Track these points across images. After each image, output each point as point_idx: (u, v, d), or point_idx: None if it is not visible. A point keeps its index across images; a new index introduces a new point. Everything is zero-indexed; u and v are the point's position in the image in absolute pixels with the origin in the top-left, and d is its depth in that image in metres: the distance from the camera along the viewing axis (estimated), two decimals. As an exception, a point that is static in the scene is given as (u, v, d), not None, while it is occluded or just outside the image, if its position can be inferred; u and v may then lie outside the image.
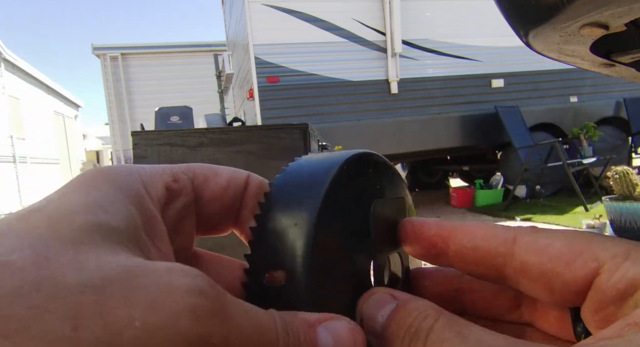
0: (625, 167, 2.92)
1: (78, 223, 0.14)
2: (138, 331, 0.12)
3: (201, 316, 0.14)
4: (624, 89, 5.70)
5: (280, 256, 0.17)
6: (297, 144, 1.38)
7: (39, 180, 10.83)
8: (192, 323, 0.13)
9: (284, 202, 0.18)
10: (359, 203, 0.20)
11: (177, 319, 0.13)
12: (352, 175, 0.19)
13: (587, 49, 0.41)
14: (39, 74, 11.69)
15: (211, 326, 0.14)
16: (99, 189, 0.15)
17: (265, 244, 0.17)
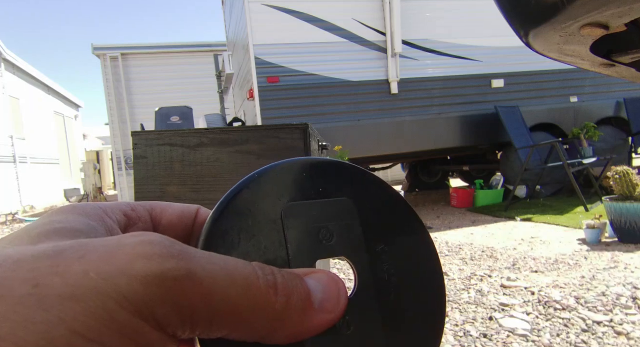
0: (625, 167, 2.92)
1: (38, 231, 0.16)
2: (94, 281, 0.13)
3: (154, 257, 0.15)
4: (624, 89, 5.70)
5: None
6: (297, 144, 1.38)
7: (39, 180, 10.83)
8: (147, 264, 0.14)
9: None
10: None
11: (131, 264, 0.14)
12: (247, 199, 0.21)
13: (587, 49, 0.41)
14: (39, 74, 11.69)
15: (168, 264, 0.15)
16: (63, 212, 0.18)
17: None
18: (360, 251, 0.21)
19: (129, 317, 0.13)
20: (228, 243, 0.19)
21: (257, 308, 0.16)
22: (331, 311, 0.18)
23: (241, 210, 0.20)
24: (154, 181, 1.44)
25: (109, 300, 0.13)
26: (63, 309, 0.13)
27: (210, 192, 1.42)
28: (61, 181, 12.69)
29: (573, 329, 1.63)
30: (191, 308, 0.15)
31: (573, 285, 2.12)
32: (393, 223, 0.23)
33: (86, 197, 11.82)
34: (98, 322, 0.13)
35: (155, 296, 0.14)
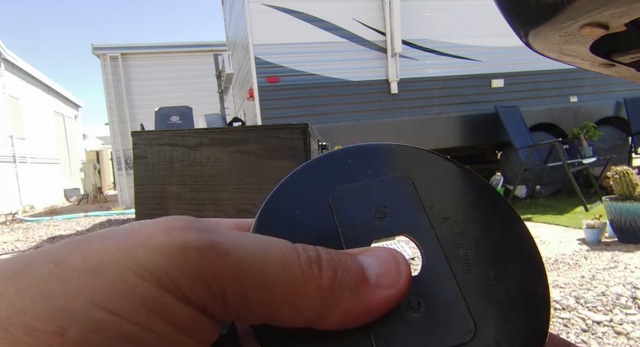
0: (625, 167, 2.91)
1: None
2: (114, 255, 0.13)
3: (175, 230, 0.14)
4: (624, 89, 5.70)
5: None
6: (297, 144, 1.38)
7: (39, 180, 10.83)
8: (167, 236, 0.14)
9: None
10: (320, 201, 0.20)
11: (151, 237, 0.14)
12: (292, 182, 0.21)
13: (587, 49, 0.41)
14: (39, 74, 11.69)
15: (189, 235, 0.14)
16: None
17: None
18: (422, 225, 0.19)
19: (150, 288, 0.13)
20: (278, 230, 0.19)
21: (299, 285, 0.15)
22: (391, 286, 0.16)
23: (290, 199, 0.20)
24: (154, 181, 1.44)
25: (128, 271, 0.13)
26: (81, 283, 0.12)
27: (210, 192, 1.42)
28: (61, 181, 12.69)
29: (573, 329, 1.63)
30: (219, 282, 0.14)
31: (573, 285, 2.12)
32: (458, 195, 0.21)
33: (86, 197, 11.82)
34: (117, 294, 0.13)
35: (176, 266, 0.13)
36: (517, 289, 0.18)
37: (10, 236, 5.58)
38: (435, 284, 0.18)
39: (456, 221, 0.19)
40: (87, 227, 5.92)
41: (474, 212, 0.20)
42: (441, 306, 0.17)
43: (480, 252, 0.19)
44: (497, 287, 0.18)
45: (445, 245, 0.19)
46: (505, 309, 0.17)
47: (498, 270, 0.18)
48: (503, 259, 0.19)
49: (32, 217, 7.80)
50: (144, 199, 1.45)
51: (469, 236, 0.19)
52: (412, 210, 0.20)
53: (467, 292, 0.17)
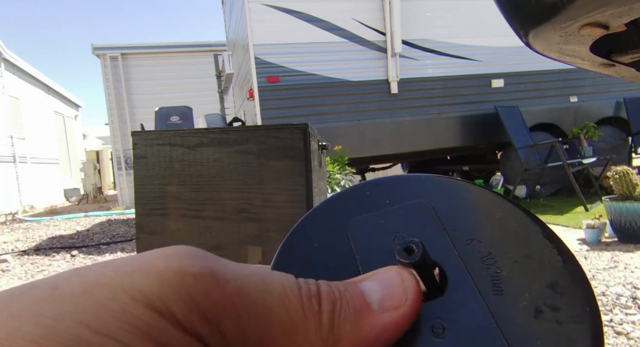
0: (625, 167, 2.91)
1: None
2: (110, 277, 0.13)
3: (175, 257, 0.14)
4: (624, 89, 5.70)
5: None
6: (297, 144, 1.38)
7: (39, 180, 10.83)
8: (165, 262, 0.14)
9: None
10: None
11: (150, 262, 0.14)
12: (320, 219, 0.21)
13: (587, 49, 0.41)
14: (39, 74, 11.69)
15: (188, 261, 0.14)
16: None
17: None
18: (444, 248, 0.19)
19: (141, 309, 0.13)
20: (296, 263, 0.19)
21: (299, 321, 0.14)
22: (397, 307, 0.15)
23: (309, 233, 0.20)
24: (154, 181, 1.44)
25: (121, 292, 0.13)
26: (73, 304, 0.12)
27: (210, 192, 1.42)
28: (61, 181, 12.69)
29: (573, 329, 1.62)
30: (215, 310, 0.14)
31: (573, 285, 2.12)
32: (483, 216, 0.20)
33: (86, 197, 11.82)
34: (107, 314, 0.12)
35: (171, 290, 0.13)
36: (559, 310, 0.16)
37: (10, 236, 5.58)
38: (462, 306, 0.17)
39: (482, 241, 0.19)
40: (87, 227, 5.92)
41: (501, 232, 0.19)
42: (470, 330, 0.16)
43: (513, 272, 0.17)
44: (534, 309, 0.16)
45: (471, 266, 0.18)
46: (546, 332, 0.16)
47: (534, 289, 0.17)
48: (539, 277, 0.17)
49: (32, 217, 7.80)
50: (144, 199, 1.45)
51: (498, 255, 0.18)
52: (432, 233, 0.19)
53: (499, 314, 0.16)
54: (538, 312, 0.16)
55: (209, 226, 1.40)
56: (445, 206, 0.20)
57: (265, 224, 1.39)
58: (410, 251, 0.17)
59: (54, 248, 4.24)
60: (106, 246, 4.33)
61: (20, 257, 3.94)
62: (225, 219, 1.40)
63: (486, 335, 0.16)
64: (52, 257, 3.85)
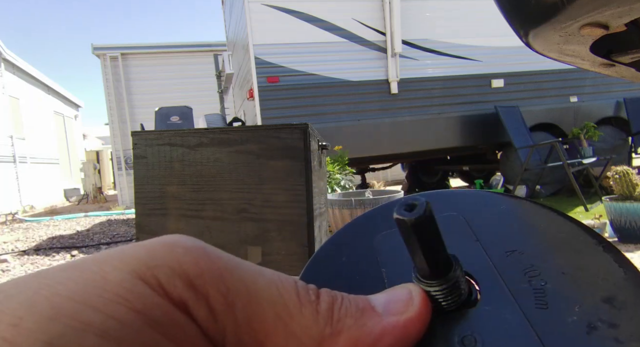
0: (625, 167, 2.91)
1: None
2: (99, 255, 0.13)
3: (170, 237, 0.14)
4: (624, 89, 5.70)
5: None
6: (297, 144, 1.38)
7: (39, 180, 10.83)
8: (158, 239, 0.14)
9: None
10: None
11: (145, 241, 0.14)
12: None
13: (587, 49, 0.41)
14: (39, 74, 11.69)
15: (182, 239, 0.14)
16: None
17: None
18: (477, 259, 0.17)
19: (122, 276, 0.12)
20: (323, 276, 0.19)
21: (292, 305, 0.14)
22: (402, 312, 0.15)
23: (337, 249, 0.20)
24: (154, 181, 1.44)
25: (105, 264, 0.13)
26: (59, 276, 0.12)
27: (210, 192, 1.42)
28: (61, 181, 12.69)
29: (573, 329, 1.62)
30: (203, 281, 0.13)
31: (573, 285, 2.12)
32: (524, 227, 0.19)
33: (86, 197, 11.82)
34: (85, 283, 0.12)
35: (159, 258, 0.13)
36: (617, 327, 0.14)
37: (10, 236, 5.58)
38: (497, 319, 0.15)
39: (524, 253, 0.17)
40: (87, 227, 5.92)
41: (547, 242, 0.18)
42: (505, 341, 0.15)
43: (560, 285, 0.16)
44: (586, 325, 0.14)
45: (510, 278, 0.16)
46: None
47: (587, 303, 0.15)
48: (593, 291, 0.15)
49: (32, 217, 7.80)
50: (144, 199, 1.45)
51: (542, 267, 0.16)
52: (465, 246, 0.18)
53: (543, 329, 0.14)
54: (591, 328, 0.14)
55: (209, 226, 1.40)
56: (480, 218, 0.19)
57: (265, 224, 1.39)
58: (412, 208, 0.15)
59: (54, 248, 4.24)
60: (106, 246, 4.33)
61: (20, 257, 3.94)
62: (225, 219, 1.40)
63: (524, 345, 0.14)
64: (52, 257, 3.85)
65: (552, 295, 0.15)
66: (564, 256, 0.17)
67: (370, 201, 3.28)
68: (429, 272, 0.16)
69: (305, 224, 1.38)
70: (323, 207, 1.81)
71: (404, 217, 0.15)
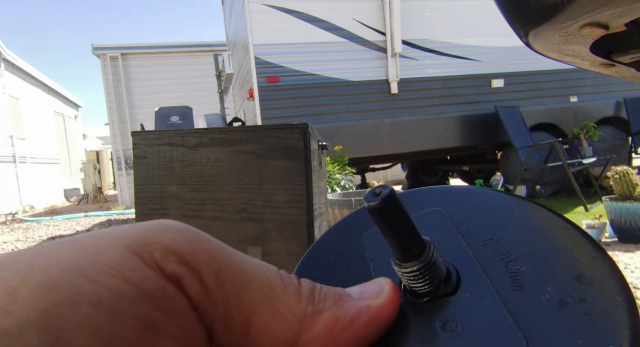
0: (625, 167, 2.91)
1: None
2: (100, 232, 0.14)
3: (163, 220, 0.15)
4: (624, 89, 5.70)
5: None
6: (297, 144, 1.38)
7: (39, 180, 10.83)
8: (152, 221, 0.15)
9: None
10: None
11: (139, 223, 0.15)
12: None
13: (587, 49, 0.41)
14: (39, 74, 11.69)
15: (175, 222, 0.15)
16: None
17: None
18: (458, 249, 0.19)
19: (118, 250, 0.13)
20: (314, 273, 0.20)
21: (277, 286, 0.15)
22: (374, 298, 0.16)
23: (327, 248, 0.21)
24: (154, 181, 1.44)
25: (101, 239, 0.13)
26: (55, 250, 0.13)
27: (210, 192, 1.42)
28: (61, 181, 12.69)
29: (573, 329, 1.62)
30: (196, 259, 0.14)
31: (573, 285, 2.12)
32: (499, 217, 0.20)
33: (86, 197, 11.82)
34: (83, 256, 0.12)
35: (154, 236, 0.14)
36: (586, 301, 0.15)
37: (10, 236, 5.58)
38: (476, 304, 0.16)
39: (500, 241, 0.18)
40: (87, 227, 5.92)
41: (522, 230, 0.19)
42: (483, 324, 0.16)
43: (534, 267, 0.17)
44: (558, 301, 0.16)
45: (488, 265, 0.18)
46: (569, 321, 0.15)
47: (559, 283, 0.16)
48: (564, 271, 0.16)
49: (32, 217, 7.79)
50: (144, 199, 1.45)
51: (518, 253, 0.18)
52: (447, 237, 0.19)
53: (518, 308, 0.16)
54: (563, 304, 0.15)
55: (209, 226, 1.40)
56: (461, 212, 0.20)
57: (265, 224, 1.39)
58: (378, 195, 0.16)
59: (54, 248, 4.24)
60: (106, 246, 4.32)
61: (20, 257, 3.94)
62: (225, 219, 1.40)
63: (500, 328, 0.15)
64: (52, 257, 3.85)
65: (527, 277, 0.17)
66: (537, 241, 0.18)
67: (370, 201, 3.28)
68: (401, 255, 0.17)
69: (305, 224, 1.38)
70: (323, 207, 1.81)
71: (371, 202, 0.16)
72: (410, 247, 0.17)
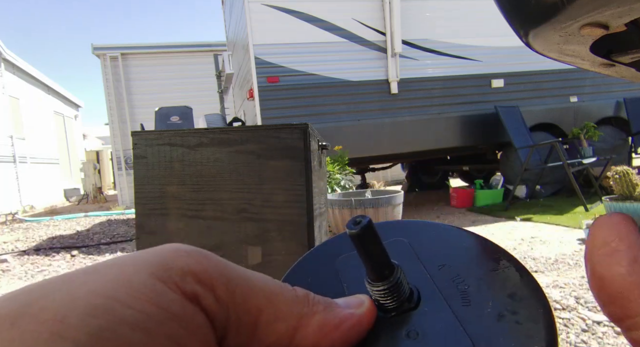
0: (625, 167, 2.92)
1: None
2: (116, 259, 0.16)
3: (169, 245, 0.17)
4: (624, 89, 5.70)
5: None
6: (297, 144, 1.38)
7: (39, 180, 10.83)
8: (162, 246, 0.17)
9: None
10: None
11: (150, 249, 0.17)
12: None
13: (587, 49, 0.41)
14: (39, 74, 11.69)
15: (183, 245, 0.17)
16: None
17: None
18: (418, 273, 0.22)
19: (145, 278, 0.15)
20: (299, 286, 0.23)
21: (277, 291, 0.18)
22: (356, 307, 0.20)
23: (304, 271, 0.24)
24: (154, 181, 1.44)
25: (127, 267, 0.15)
26: (84, 278, 0.15)
27: (210, 192, 1.42)
28: (61, 181, 12.69)
29: (573, 329, 1.63)
30: (208, 274, 0.16)
31: (573, 285, 2.12)
32: (451, 247, 0.24)
33: (86, 197, 11.82)
34: (116, 284, 0.15)
35: (170, 261, 0.16)
36: (517, 313, 0.19)
37: (10, 236, 5.58)
38: (433, 317, 0.20)
39: (452, 266, 0.22)
40: (87, 227, 5.92)
41: (468, 257, 0.23)
42: (439, 333, 0.19)
43: (478, 287, 0.21)
44: (497, 314, 0.20)
45: (442, 285, 0.21)
46: (505, 329, 0.19)
47: (497, 299, 0.20)
48: (501, 290, 0.21)
49: (32, 217, 7.79)
50: (144, 199, 1.45)
51: (465, 275, 0.22)
52: (409, 263, 0.23)
53: (467, 320, 0.19)
54: (500, 316, 0.19)
55: (209, 226, 1.40)
56: (420, 242, 0.24)
57: (265, 224, 1.39)
58: (356, 223, 0.19)
59: (54, 248, 4.24)
60: (106, 246, 4.33)
61: (20, 257, 3.94)
62: (225, 219, 1.40)
63: (453, 336, 0.19)
64: (52, 257, 3.85)
65: (473, 295, 0.21)
66: (480, 266, 0.22)
67: (370, 201, 3.28)
68: (374, 276, 0.20)
69: (305, 224, 1.38)
70: (323, 207, 1.81)
71: (352, 230, 0.19)
72: (382, 269, 0.20)
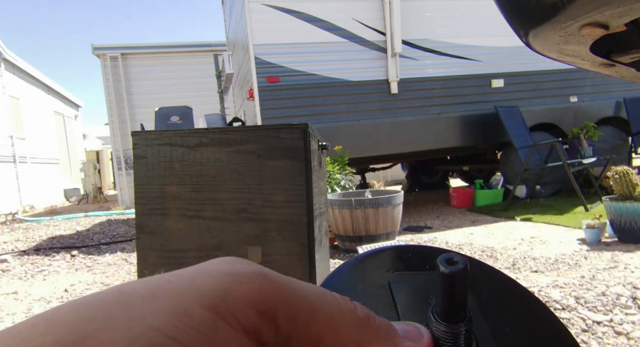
0: (625, 167, 2.91)
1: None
2: (174, 283, 0.15)
3: (228, 262, 0.16)
4: (624, 89, 5.70)
5: None
6: (297, 144, 1.38)
7: (39, 180, 10.83)
8: (220, 266, 0.16)
9: None
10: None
11: (207, 267, 0.16)
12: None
13: (587, 49, 0.41)
14: (39, 74, 11.69)
15: (240, 265, 0.16)
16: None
17: None
18: (482, 329, 0.22)
19: (204, 313, 0.14)
20: (347, 291, 0.22)
21: (336, 313, 0.17)
22: (414, 340, 0.19)
23: (351, 280, 0.23)
24: (154, 181, 1.44)
25: (185, 297, 0.14)
26: (143, 306, 0.13)
27: (210, 192, 1.42)
28: (61, 181, 12.69)
29: (573, 329, 1.63)
30: (270, 304, 0.15)
31: (573, 285, 2.12)
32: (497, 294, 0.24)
33: (86, 197, 11.82)
34: (174, 318, 0.13)
35: (230, 290, 0.15)
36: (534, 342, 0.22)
37: (10, 236, 5.58)
38: None
39: (511, 335, 0.23)
40: (87, 227, 5.92)
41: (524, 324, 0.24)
42: None
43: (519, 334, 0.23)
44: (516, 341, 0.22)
45: (487, 325, 0.22)
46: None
47: (515, 327, 0.22)
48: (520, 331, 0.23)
49: (32, 217, 7.79)
50: (144, 199, 1.45)
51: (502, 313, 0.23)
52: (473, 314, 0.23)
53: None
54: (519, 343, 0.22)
55: (209, 226, 1.40)
56: (481, 291, 0.24)
57: (265, 224, 1.39)
58: (451, 263, 0.19)
59: (54, 248, 4.24)
60: (106, 245, 4.32)
61: (20, 257, 3.94)
62: (225, 219, 1.40)
63: None
64: (52, 257, 3.85)
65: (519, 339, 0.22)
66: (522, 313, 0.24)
67: (370, 201, 3.28)
68: (449, 316, 0.20)
69: (305, 224, 1.38)
70: (323, 207, 1.81)
71: (446, 269, 0.19)
72: (456, 313, 0.19)
